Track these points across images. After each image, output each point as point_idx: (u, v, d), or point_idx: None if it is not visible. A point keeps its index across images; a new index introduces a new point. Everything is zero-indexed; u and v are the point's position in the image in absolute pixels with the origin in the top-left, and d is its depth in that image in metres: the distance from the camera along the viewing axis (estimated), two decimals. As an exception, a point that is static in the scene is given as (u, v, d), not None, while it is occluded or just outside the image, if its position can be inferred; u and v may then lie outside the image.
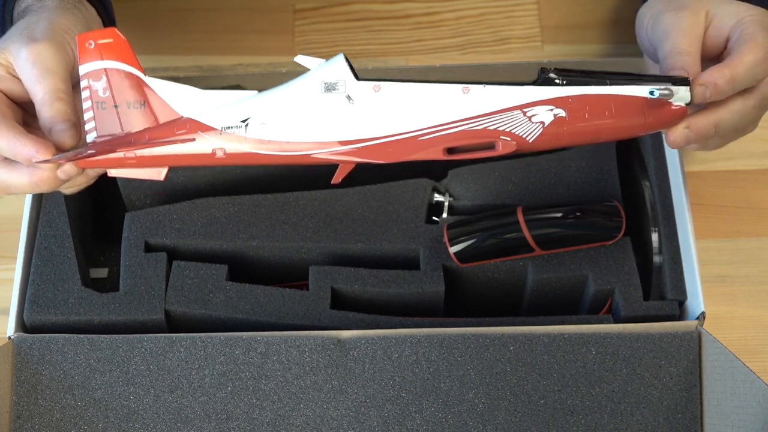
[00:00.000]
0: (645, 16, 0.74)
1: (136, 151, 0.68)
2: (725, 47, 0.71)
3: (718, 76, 0.66)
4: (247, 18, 1.01)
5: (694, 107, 0.68)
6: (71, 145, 0.68)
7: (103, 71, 0.68)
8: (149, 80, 0.68)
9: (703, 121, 0.68)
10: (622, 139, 0.72)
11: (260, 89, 0.88)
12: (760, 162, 0.93)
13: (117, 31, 0.68)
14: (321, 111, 0.68)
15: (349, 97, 0.67)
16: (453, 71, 0.89)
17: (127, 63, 0.68)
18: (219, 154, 0.68)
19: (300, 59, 0.69)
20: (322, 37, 1.00)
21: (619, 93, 0.66)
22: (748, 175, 0.92)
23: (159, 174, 0.70)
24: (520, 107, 0.67)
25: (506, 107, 0.67)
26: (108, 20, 0.80)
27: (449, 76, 0.88)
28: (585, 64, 0.88)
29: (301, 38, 1.00)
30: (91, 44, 0.68)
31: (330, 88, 0.67)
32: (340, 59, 0.68)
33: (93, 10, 0.78)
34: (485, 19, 1.01)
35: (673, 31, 0.70)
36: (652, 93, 0.66)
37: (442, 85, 0.67)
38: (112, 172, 0.70)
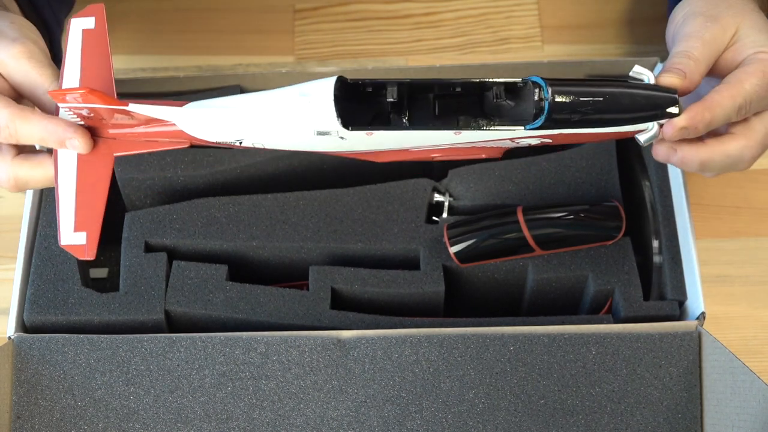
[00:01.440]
0: (680, 12, 0.73)
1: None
2: None
3: (699, 120, 0.66)
4: (247, 18, 1.01)
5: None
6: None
7: (85, 108, 0.68)
8: (134, 107, 0.68)
9: (691, 154, 0.69)
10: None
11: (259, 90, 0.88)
12: (760, 162, 0.92)
13: (90, 89, 0.67)
14: (314, 143, 0.68)
15: (342, 138, 0.67)
16: (453, 71, 0.88)
17: (108, 104, 0.67)
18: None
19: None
20: (322, 37, 1.00)
21: (605, 131, 0.67)
22: (748, 175, 0.92)
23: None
24: (510, 139, 0.67)
25: (496, 139, 0.67)
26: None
27: (449, 75, 0.88)
28: (584, 64, 0.87)
29: (301, 38, 1.00)
30: (65, 98, 0.67)
31: (323, 133, 0.67)
32: (329, 109, 0.66)
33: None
34: (485, 19, 1.01)
35: (693, 37, 0.69)
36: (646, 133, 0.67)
37: (435, 132, 0.67)
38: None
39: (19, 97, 0.71)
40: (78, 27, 0.71)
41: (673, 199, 0.82)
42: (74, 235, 0.69)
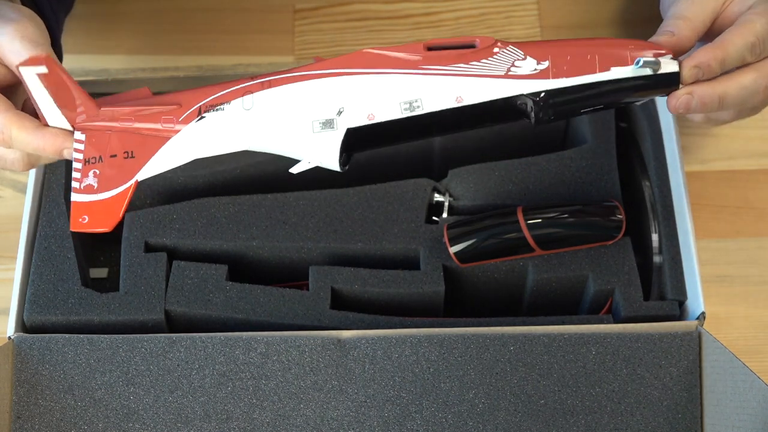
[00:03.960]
0: None
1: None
2: None
3: (710, 57, 0.65)
4: (247, 18, 1.01)
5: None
6: None
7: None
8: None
9: (708, 91, 0.67)
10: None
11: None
12: (760, 162, 0.93)
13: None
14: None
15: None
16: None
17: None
18: None
19: None
20: (322, 37, 1.00)
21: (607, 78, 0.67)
22: (748, 175, 0.92)
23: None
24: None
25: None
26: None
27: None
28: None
29: (301, 38, 1.00)
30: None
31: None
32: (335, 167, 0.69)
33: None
34: (485, 19, 1.01)
35: (684, 1, 0.69)
36: (637, 63, 0.66)
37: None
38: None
39: (17, 80, 0.70)
40: (32, 74, 0.68)
41: (673, 199, 0.82)
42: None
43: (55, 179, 0.84)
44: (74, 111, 0.69)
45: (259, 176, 0.85)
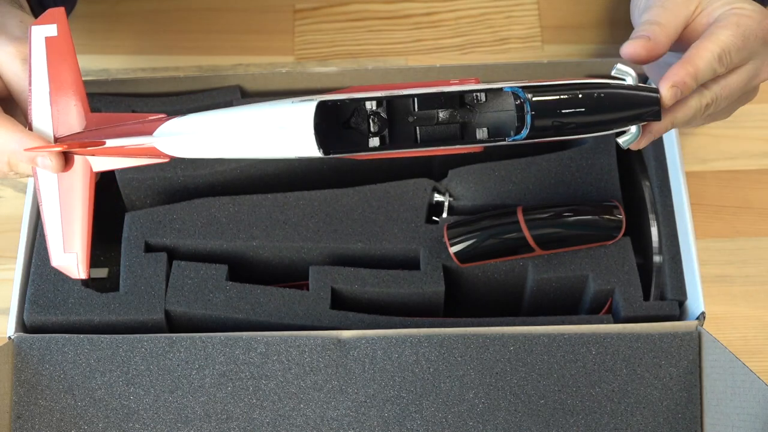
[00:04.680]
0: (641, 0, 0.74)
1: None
2: None
3: (684, 74, 0.65)
4: (247, 18, 1.01)
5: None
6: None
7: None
8: (111, 142, 0.67)
9: (695, 101, 0.68)
10: None
11: (262, 90, 0.88)
12: (760, 162, 0.93)
13: (66, 146, 0.67)
14: (297, 160, 0.67)
15: (323, 158, 0.66)
16: (453, 71, 0.88)
17: (85, 146, 0.67)
18: None
19: None
20: (322, 37, 1.00)
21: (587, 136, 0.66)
22: (748, 175, 0.92)
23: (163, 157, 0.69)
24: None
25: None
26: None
27: (449, 75, 0.88)
28: (584, 64, 0.87)
29: (301, 38, 1.00)
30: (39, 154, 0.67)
31: (304, 158, 0.66)
32: (310, 141, 0.63)
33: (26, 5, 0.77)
34: (485, 19, 1.01)
35: (655, 6, 0.70)
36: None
37: (416, 149, 0.65)
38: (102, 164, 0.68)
39: (10, 97, 0.70)
40: (40, 35, 0.68)
41: (673, 199, 0.82)
42: (65, 256, 0.69)
43: (55, 179, 0.84)
44: (63, 103, 0.68)
45: (259, 176, 0.85)
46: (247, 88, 0.88)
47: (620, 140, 0.66)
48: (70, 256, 0.68)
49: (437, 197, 0.83)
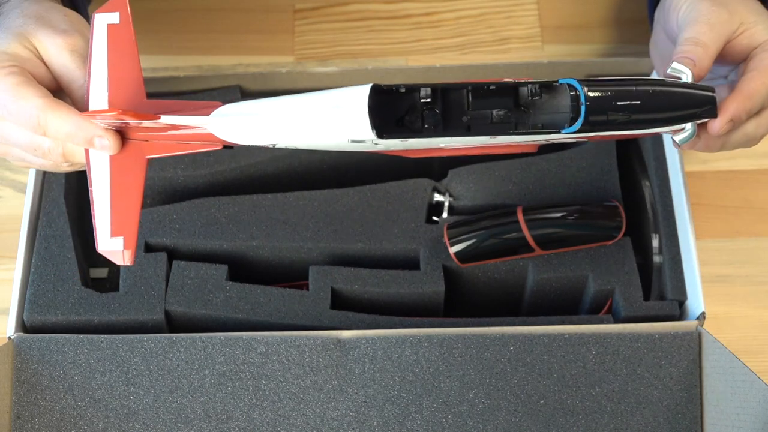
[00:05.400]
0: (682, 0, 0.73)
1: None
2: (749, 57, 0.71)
3: (742, 110, 0.67)
4: (247, 18, 1.01)
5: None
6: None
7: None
8: (166, 119, 0.66)
9: (739, 135, 0.70)
10: None
11: (262, 90, 0.88)
12: (760, 162, 0.93)
13: (121, 111, 0.65)
14: (349, 147, 0.67)
15: (376, 144, 0.66)
16: (453, 71, 0.89)
17: (140, 119, 0.66)
18: None
19: None
20: (322, 37, 1.00)
21: (642, 132, 0.66)
22: (748, 175, 0.92)
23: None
24: (545, 139, 0.66)
25: (531, 141, 0.66)
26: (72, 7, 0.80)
27: (449, 76, 0.88)
28: (584, 64, 0.87)
29: (301, 38, 1.00)
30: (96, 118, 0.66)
31: (357, 141, 0.66)
32: (364, 121, 0.64)
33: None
34: (485, 19, 1.01)
35: (700, 22, 0.69)
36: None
37: (470, 138, 0.65)
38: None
39: (59, 88, 0.70)
40: (102, 22, 0.69)
41: (673, 199, 0.82)
42: (111, 241, 0.68)
43: (55, 179, 0.84)
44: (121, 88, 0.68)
45: (259, 176, 0.85)
46: (247, 88, 0.88)
47: (677, 138, 0.66)
48: (117, 240, 0.68)
49: (437, 197, 0.83)
